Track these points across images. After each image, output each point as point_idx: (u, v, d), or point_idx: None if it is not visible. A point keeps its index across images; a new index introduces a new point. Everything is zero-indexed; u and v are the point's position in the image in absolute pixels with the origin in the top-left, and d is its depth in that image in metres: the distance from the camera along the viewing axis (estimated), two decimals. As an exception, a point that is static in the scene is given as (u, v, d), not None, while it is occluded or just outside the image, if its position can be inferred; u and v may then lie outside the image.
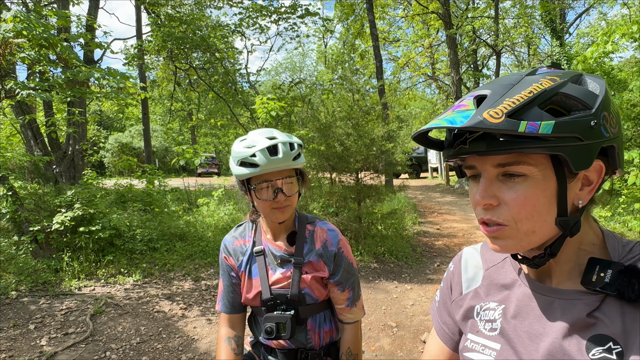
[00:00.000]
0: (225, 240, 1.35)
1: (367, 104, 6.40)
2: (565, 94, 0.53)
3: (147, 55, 12.94)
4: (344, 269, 1.28)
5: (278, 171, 1.19)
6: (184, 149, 7.34)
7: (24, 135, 7.63)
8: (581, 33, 20.40)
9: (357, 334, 1.32)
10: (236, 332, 1.33)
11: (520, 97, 0.52)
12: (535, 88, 0.53)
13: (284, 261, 1.26)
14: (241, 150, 1.18)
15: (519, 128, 0.49)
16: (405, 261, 5.45)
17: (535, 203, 0.55)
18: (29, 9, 6.10)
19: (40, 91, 4.66)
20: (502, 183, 0.57)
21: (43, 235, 4.75)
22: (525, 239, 0.57)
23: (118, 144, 23.90)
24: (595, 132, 0.52)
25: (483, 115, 0.51)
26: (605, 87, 0.55)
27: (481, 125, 0.50)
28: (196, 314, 3.82)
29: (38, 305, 3.86)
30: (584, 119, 0.52)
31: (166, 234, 5.83)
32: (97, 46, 6.72)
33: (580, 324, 0.55)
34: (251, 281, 1.28)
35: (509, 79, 0.57)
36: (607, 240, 0.61)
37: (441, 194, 13.37)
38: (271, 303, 1.23)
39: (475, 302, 0.72)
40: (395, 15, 19.51)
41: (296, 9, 13.30)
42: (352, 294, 1.29)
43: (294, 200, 1.24)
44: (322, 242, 1.28)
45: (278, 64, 32.76)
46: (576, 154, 0.52)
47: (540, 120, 0.50)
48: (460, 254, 0.82)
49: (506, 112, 0.51)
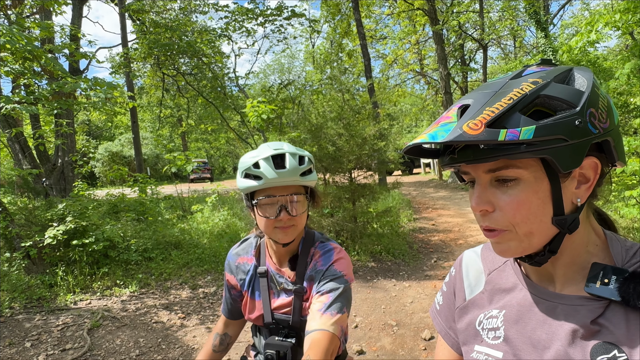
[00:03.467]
0: (229, 256, 1.32)
1: (358, 103, 6.41)
2: (547, 96, 0.53)
3: (133, 62, 12.82)
4: (330, 279, 1.12)
5: (284, 186, 1.10)
6: (175, 156, 7.30)
7: (11, 149, 7.52)
8: (565, 24, 20.63)
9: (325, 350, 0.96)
10: (227, 331, 1.35)
11: (500, 105, 0.52)
12: (515, 94, 0.53)
13: (285, 289, 1.21)
14: (246, 160, 1.12)
15: (499, 137, 0.50)
16: (402, 259, 5.47)
17: (529, 205, 0.55)
18: (11, 22, 6.01)
19: (26, 104, 4.59)
20: (496, 188, 0.57)
21: (35, 250, 4.68)
22: (525, 240, 0.57)
23: (108, 153, 23.64)
24: (582, 130, 0.52)
25: (463, 128, 0.52)
26: (593, 82, 0.55)
27: (461, 138, 0.51)
28: (195, 322, 3.79)
29: (33, 322, 3.80)
30: (567, 119, 0.51)
31: (161, 243, 5.78)
32: (82, 56, 6.64)
33: (585, 331, 0.55)
34: (254, 302, 1.25)
35: (493, 85, 0.57)
36: (610, 243, 0.60)
37: (435, 189, 13.44)
38: (273, 326, 1.21)
39: (479, 311, 0.71)
40: (382, 13, 19.53)
41: (282, 11, 13.29)
42: (331, 301, 1.07)
43: (299, 221, 1.14)
44: (313, 264, 1.19)
45: (266, 66, 32.64)
46: (562, 155, 0.52)
47: (520, 126, 0.51)
48: (460, 258, 0.82)
49: (485, 122, 0.51)
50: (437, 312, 0.84)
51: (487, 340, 0.66)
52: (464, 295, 0.76)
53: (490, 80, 0.61)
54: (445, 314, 0.81)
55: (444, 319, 0.81)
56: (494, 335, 0.65)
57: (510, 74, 0.60)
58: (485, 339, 0.67)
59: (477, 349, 0.68)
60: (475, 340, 0.69)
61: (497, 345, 0.64)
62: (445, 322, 0.80)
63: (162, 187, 10.10)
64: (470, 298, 0.74)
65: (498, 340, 0.64)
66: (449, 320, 0.79)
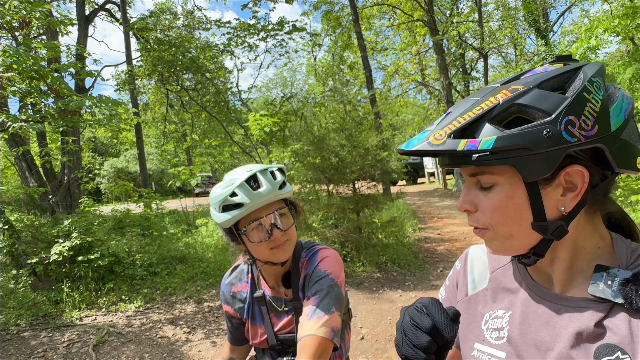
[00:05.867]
0: (222, 287, 1.30)
1: (360, 114, 6.45)
2: (521, 105, 0.54)
3: (138, 79, 13.03)
4: (315, 281, 1.11)
5: (266, 205, 1.08)
6: (180, 171, 7.35)
7: (18, 167, 7.62)
8: (565, 31, 20.71)
9: (313, 353, 0.99)
10: (233, 355, 1.34)
11: (469, 115, 0.55)
12: (487, 104, 0.55)
13: (285, 309, 1.21)
14: (219, 193, 1.07)
15: (458, 147, 0.53)
16: (408, 269, 5.42)
17: (504, 210, 0.57)
18: (19, 43, 6.15)
19: (33, 123, 4.67)
20: (479, 190, 0.60)
21: (41, 267, 4.70)
22: (506, 242, 0.59)
23: (114, 170, 23.85)
24: (553, 139, 0.51)
25: (429, 139, 0.55)
26: (585, 86, 0.53)
27: (425, 147, 0.55)
28: (200, 337, 3.77)
29: (39, 339, 3.79)
30: (534, 129, 0.51)
31: (166, 258, 5.78)
32: (87, 75, 6.76)
33: (588, 333, 0.54)
34: (256, 328, 1.24)
35: (476, 94, 0.59)
36: (615, 245, 0.60)
37: (440, 198, 13.37)
38: (279, 347, 1.21)
39: (481, 308, 0.71)
40: (382, 25, 19.76)
41: (283, 26, 13.49)
42: (316, 303, 1.07)
43: (291, 234, 1.13)
44: (304, 273, 1.17)
45: (269, 80, 32.98)
46: (526, 164, 0.52)
47: (481, 137, 0.53)
48: (466, 252, 0.82)
49: (449, 132, 0.55)
50: None
51: (490, 340, 0.66)
52: (467, 289, 0.76)
53: (486, 86, 0.62)
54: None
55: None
56: (497, 336, 0.65)
57: (504, 78, 0.60)
58: (488, 339, 0.67)
59: (478, 347, 0.67)
60: (477, 338, 0.69)
61: (501, 346, 0.64)
62: None
63: (167, 202, 10.14)
64: (472, 293, 0.74)
65: (501, 340, 0.64)
66: None
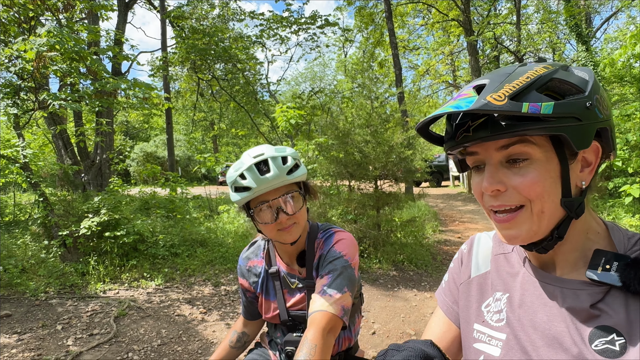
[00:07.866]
0: (240, 261, 1.35)
1: (387, 111, 6.40)
2: (560, 80, 0.56)
3: (171, 66, 13.36)
4: (330, 261, 1.14)
5: (275, 189, 1.11)
6: (206, 157, 7.51)
7: (55, 145, 7.98)
8: (609, 38, 19.82)
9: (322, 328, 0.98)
10: (245, 330, 1.38)
11: (519, 82, 0.54)
12: (531, 74, 0.55)
13: (298, 286, 1.24)
14: (231, 174, 1.13)
15: (522, 109, 0.51)
16: (425, 269, 5.37)
17: (543, 184, 0.56)
18: (62, 25, 6.43)
19: (71, 102, 4.88)
20: (507, 169, 0.58)
21: (71, 239, 4.93)
22: (537, 222, 0.57)
23: (143, 153, 24.60)
24: (591, 113, 0.54)
25: (487, 99, 0.53)
26: (594, 74, 0.58)
27: (486, 107, 0.52)
28: (215, 318, 3.87)
29: (65, 307, 3.99)
30: (580, 100, 0.54)
31: (187, 240, 5.94)
32: (124, 59, 6.99)
33: (584, 314, 0.56)
34: (269, 302, 1.28)
35: (505, 69, 0.59)
36: (611, 232, 0.61)
37: (463, 202, 13.12)
38: (290, 323, 1.24)
39: (484, 291, 0.72)
40: (415, 24, 19.46)
41: (316, 20, 13.48)
42: (329, 282, 1.08)
43: (300, 217, 1.15)
44: (319, 253, 1.20)
45: (299, 74, 33.21)
46: (576, 134, 0.53)
47: (540, 101, 0.52)
48: (473, 237, 0.83)
49: (508, 95, 0.53)
50: (442, 290, 0.84)
51: (489, 322, 0.67)
52: (470, 272, 0.77)
53: (509, 65, 0.64)
54: (450, 289, 0.82)
55: (449, 295, 0.82)
56: (497, 318, 0.66)
57: (517, 64, 0.62)
58: (487, 320, 0.68)
59: (477, 328, 0.68)
60: (477, 320, 0.70)
61: (501, 327, 0.65)
62: (450, 297, 0.81)
63: (192, 187, 10.38)
64: (474, 276, 0.76)
65: (501, 322, 0.65)
66: (454, 295, 0.80)
